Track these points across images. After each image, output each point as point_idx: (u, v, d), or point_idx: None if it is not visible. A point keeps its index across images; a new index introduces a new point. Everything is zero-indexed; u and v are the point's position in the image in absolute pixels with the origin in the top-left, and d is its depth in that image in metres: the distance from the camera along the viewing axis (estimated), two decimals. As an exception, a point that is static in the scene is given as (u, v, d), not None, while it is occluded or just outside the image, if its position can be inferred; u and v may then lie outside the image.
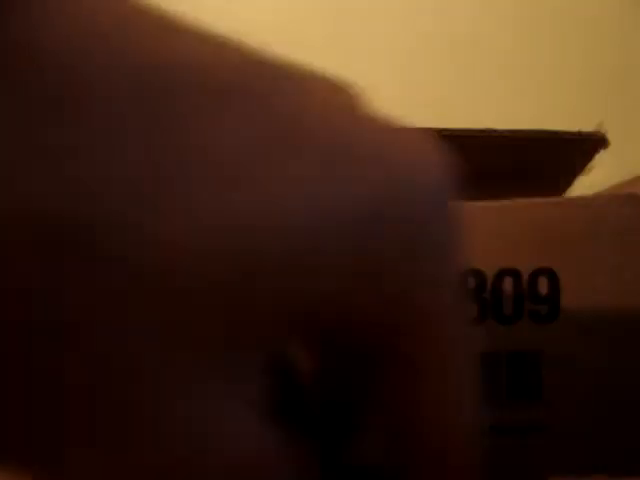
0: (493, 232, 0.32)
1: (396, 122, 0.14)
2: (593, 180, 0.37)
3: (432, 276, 0.13)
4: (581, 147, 0.35)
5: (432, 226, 0.13)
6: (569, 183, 0.39)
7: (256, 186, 0.12)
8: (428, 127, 0.34)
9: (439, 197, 0.14)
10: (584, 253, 0.33)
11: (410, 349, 0.13)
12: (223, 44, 0.13)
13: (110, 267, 0.11)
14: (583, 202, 0.33)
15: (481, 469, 0.16)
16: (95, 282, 0.11)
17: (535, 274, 0.32)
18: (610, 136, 0.34)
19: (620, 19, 0.70)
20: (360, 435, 0.15)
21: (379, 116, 0.14)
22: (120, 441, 0.12)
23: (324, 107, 0.13)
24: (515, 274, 0.32)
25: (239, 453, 0.12)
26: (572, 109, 0.66)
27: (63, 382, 0.11)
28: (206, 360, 0.12)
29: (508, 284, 0.32)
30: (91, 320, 0.11)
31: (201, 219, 0.11)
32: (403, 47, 0.70)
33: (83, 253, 0.11)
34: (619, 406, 0.31)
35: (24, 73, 0.11)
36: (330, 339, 0.14)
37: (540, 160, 0.36)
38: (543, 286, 0.32)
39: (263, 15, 0.69)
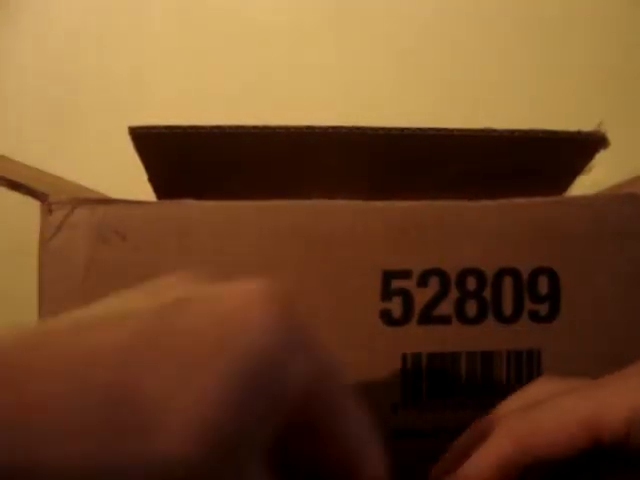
0: (493, 232, 0.32)
1: None
2: (593, 180, 0.37)
3: None
4: (581, 147, 0.35)
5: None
6: (569, 183, 0.39)
7: None
8: (428, 127, 0.34)
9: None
10: (584, 253, 0.33)
11: None
12: None
13: None
14: (583, 202, 0.33)
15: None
16: None
17: (535, 274, 0.32)
18: (610, 136, 0.34)
19: (620, 19, 0.70)
20: None
21: None
22: None
23: None
24: (515, 274, 0.32)
25: None
26: (572, 109, 0.66)
27: None
28: None
29: (508, 284, 0.32)
30: None
31: None
32: (403, 47, 0.70)
33: None
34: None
35: None
36: None
37: (540, 160, 0.36)
38: (543, 286, 0.32)
39: (263, 15, 0.69)
